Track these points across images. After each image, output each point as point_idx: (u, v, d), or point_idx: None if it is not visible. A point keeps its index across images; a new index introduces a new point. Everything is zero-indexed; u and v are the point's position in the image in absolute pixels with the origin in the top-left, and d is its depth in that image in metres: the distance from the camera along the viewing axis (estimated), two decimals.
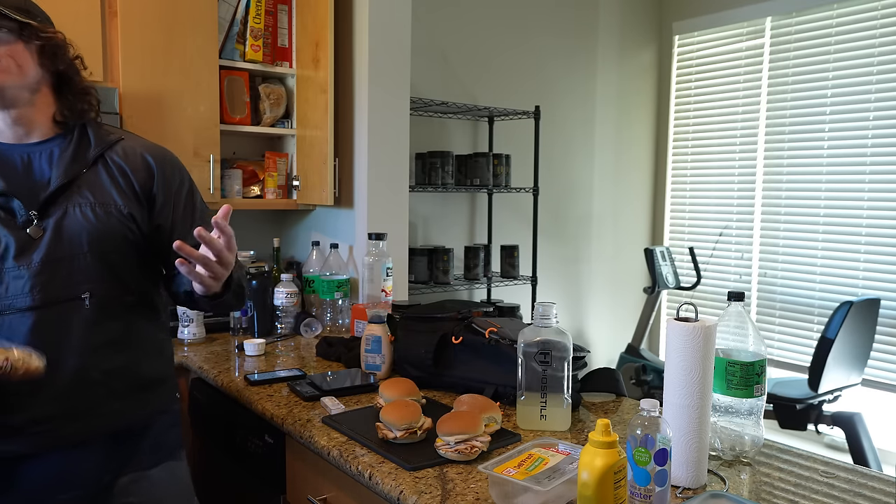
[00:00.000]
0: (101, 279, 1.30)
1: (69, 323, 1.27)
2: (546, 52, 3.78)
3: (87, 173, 1.33)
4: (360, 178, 2.46)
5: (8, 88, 1.26)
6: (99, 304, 1.29)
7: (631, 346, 3.90)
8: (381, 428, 1.36)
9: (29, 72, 1.28)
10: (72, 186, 1.30)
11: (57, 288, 1.26)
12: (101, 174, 1.34)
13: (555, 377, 1.42)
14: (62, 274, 1.26)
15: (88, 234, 1.29)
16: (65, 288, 1.26)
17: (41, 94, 1.32)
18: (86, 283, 1.28)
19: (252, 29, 2.48)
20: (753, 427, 1.28)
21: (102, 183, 1.33)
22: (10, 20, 1.25)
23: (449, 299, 2.23)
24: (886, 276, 3.43)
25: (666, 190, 4.41)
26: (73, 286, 1.27)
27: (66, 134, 1.35)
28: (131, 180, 1.36)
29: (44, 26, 1.31)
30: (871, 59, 3.46)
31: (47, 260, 1.25)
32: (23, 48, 1.27)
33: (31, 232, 1.25)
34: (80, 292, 1.28)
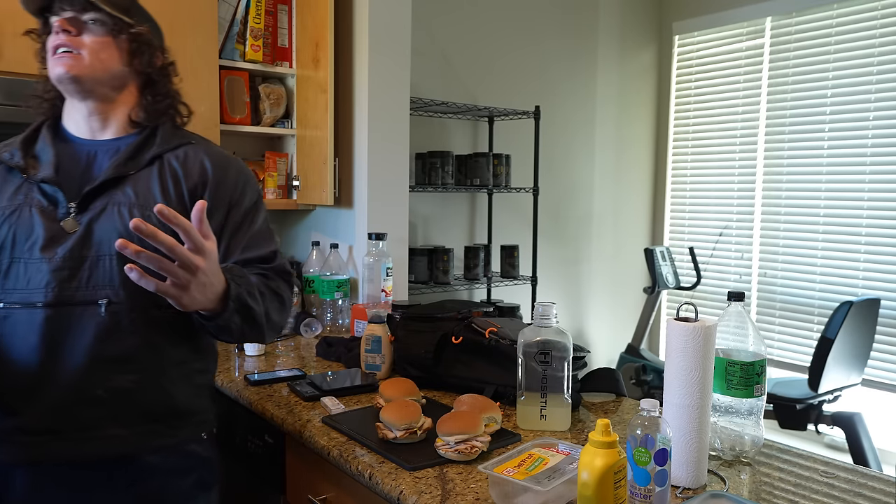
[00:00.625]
0: (123, 286, 1.18)
1: (80, 329, 1.16)
2: (546, 52, 3.78)
3: (138, 173, 1.25)
4: (360, 178, 2.46)
5: (86, 80, 1.22)
6: (116, 313, 1.17)
7: (631, 346, 3.90)
8: (381, 428, 1.36)
9: (111, 67, 1.25)
10: (119, 185, 1.23)
11: (74, 288, 1.16)
12: (153, 176, 1.25)
13: (555, 377, 1.42)
14: (83, 274, 1.17)
15: (121, 235, 1.16)
16: (82, 289, 1.17)
17: (124, 93, 1.29)
18: (106, 287, 1.17)
19: (252, 29, 2.48)
20: (753, 427, 1.28)
21: (150, 185, 1.24)
22: (103, 13, 1.23)
23: (449, 299, 2.23)
24: (886, 276, 3.43)
25: (666, 190, 4.41)
26: (92, 289, 1.17)
27: (138, 134, 1.30)
28: (181, 185, 1.26)
29: (138, 25, 1.28)
30: (871, 59, 3.46)
31: (70, 256, 1.17)
32: (111, 43, 1.24)
33: (65, 225, 1.19)
34: (97, 297, 1.17)
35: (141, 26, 1.29)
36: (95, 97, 1.25)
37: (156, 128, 1.31)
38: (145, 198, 1.22)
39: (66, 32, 1.21)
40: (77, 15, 1.23)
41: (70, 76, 1.21)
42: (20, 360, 1.15)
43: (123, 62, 1.27)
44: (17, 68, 1.93)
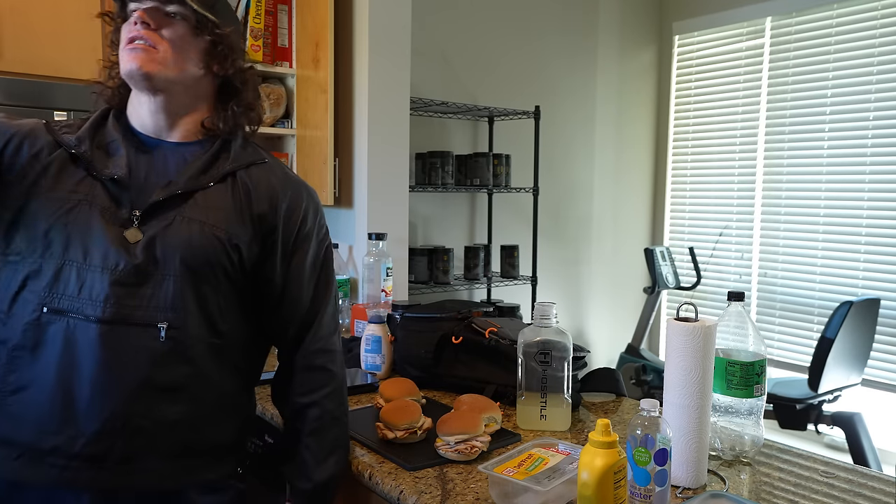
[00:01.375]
0: (185, 310, 1.10)
1: (134, 352, 1.06)
2: (546, 52, 3.78)
3: (210, 189, 1.15)
4: (360, 178, 2.46)
5: (158, 79, 1.12)
6: (175, 339, 1.09)
7: (631, 346, 3.90)
8: (381, 428, 1.36)
9: (189, 68, 1.15)
10: (189, 198, 1.13)
11: (134, 306, 1.07)
12: (225, 193, 1.16)
13: (555, 377, 1.42)
14: (146, 292, 1.07)
15: (184, 254, 1.10)
16: (142, 309, 1.07)
17: (198, 95, 1.19)
18: (168, 310, 1.08)
19: (252, 29, 2.48)
20: (753, 427, 1.28)
21: (221, 203, 1.15)
22: (187, 7, 1.13)
23: (449, 299, 2.23)
24: (886, 276, 3.43)
25: (666, 190, 4.41)
26: (153, 311, 1.08)
27: (208, 142, 1.19)
28: (252, 206, 1.17)
29: (224, 26, 1.18)
30: (871, 59, 3.46)
31: (134, 271, 1.07)
32: (190, 40, 1.15)
33: (127, 234, 1.08)
34: (157, 320, 1.08)
35: (227, 27, 1.19)
36: (167, 94, 1.15)
37: (229, 140, 1.21)
38: (215, 216, 1.14)
39: (145, 25, 1.11)
40: (160, 6, 1.13)
41: (143, 73, 1.11)
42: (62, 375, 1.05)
43: (203, 64, 1.17)
44: (17, 68, 1.93)
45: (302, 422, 1.23)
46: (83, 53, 2.08)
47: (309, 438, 1.23)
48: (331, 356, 1.27)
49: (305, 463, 1.22)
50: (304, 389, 1.24)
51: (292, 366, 1.25)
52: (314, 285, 1.26)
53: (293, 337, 1.25)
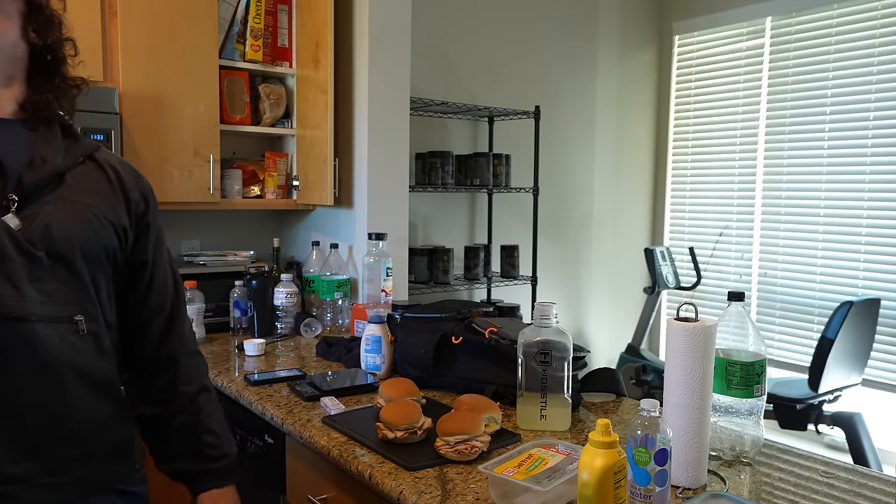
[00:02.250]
0: (90, 300, 1.02)
1: (59, 350, 0.97)
2: (546, 52, 3.78)
3: (78, 170, 1.05)
4: (360, 178, 2.46)
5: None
6: (92, 331, 1.01)
7: (631, 346, 3.90)
8: (381, 428, 1.36)
9: (8, 28, 1.01)
10: (62, 180, 1.02)
11: (47, 302, 0.96)
12: (98, 175, 1.07)
13: (555, 377, 1.42)
14: (52, 284, 0.97)
15: (82, 241, 1.00)
16: (57, 304, 0.97)
17: (14, 65, 1.03)
18: (80, 301, 1.00)
19: (252, 29, 2.48)
20: (753, 427, 1.28)
21: (98, 185, 1.06)
22: None
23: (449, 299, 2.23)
24: (886, 276, 3.43)
25: (666, 190, 4.41)
26: (66, 303, 0.98)
27: (34, 122, 1.04)
28: (125, 189, 1.10)
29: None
30: (871, 59, 3.46)
31: (35, 262, 0.95)
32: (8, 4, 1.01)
33: (8, 220, 0.94)
34: (72, 312, 0.98)
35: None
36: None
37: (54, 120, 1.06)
38: (99, 199, 1.05)
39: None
40: None
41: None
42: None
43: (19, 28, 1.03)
44: None
45: (196, 410, 1.19)
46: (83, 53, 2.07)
47: (209, 421, 1.20)
48: (195, 338, 1.25)
49: (213, 445, 1.20)
50: (192, 378, 1.20)
51: (172, 357, 1.18)
52: (171, 270, 1.20)
53: (164, 326, 1.18)
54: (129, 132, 2.19)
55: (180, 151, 2.31)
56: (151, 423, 1.19)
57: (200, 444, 1.19)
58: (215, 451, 1.20)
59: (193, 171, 2.34)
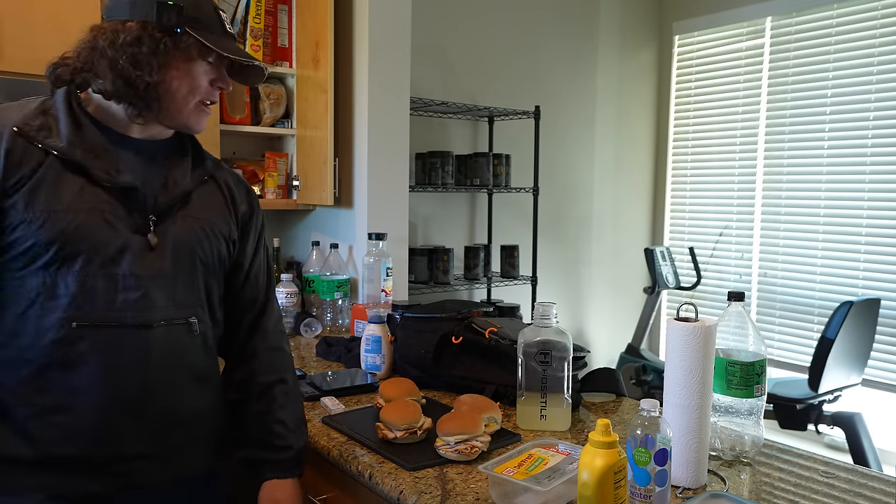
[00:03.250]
0: (203, 305, 1.20)
1: (175, 349, 1.14)
2: (546, 51, 3.78)
3: (202, 188, 1.23)
4: (360, 178, 2.46)
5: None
6: (203, 331, 1.19)
7: (631, 346, 3.90)
8: (381, 428, 1.36)
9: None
10: (189, 198, 1.19)
11: (170, 307, 1.13)
12: (215, 192, 1.25)
13: (555, 377, 1.42)
14: (175, 292, 1.14)
15: (201, 254, 1.18)
16: (177, 308, 1.14)
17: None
18: (195, 306, 1.17)
19: (252, 29, 2.48)
20: (753, 427, 1.28)
21: (214, 201, 1.24)
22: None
23: (449, 299, 2.23)
24: (886, 276, 3.43)
25: (666, 190, 4.41)
26: (184, 307, 1.16)
27: (175, 138, 1.23)
28: (235, 202, 1.28)
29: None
30: (871, 59, 3.46)
31: (165, 274, 1.13)
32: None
33: (150, 239, 1.12)
34: (188, 315, 1.16)
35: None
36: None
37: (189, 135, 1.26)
38: (216, 215, 1.23)
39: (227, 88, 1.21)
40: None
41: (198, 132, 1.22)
42: (106, 385, 1.07)
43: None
44: (17, 68, 1.93)
45: (269, 400, 1.30)
46: None
47: (281, 413, 1.30)
48: (286, 337, 1.39)
49: (281, 436, 1.29)
50: (270, 369, 1.32)
51: (254, 349, 1.31)
52: (266, 270, 1.36)
53: (252, 322, 1.32)
54: None
55: None
56: (230, 411, 1.31)
57: (268, 434, 1.28)
58: (281, 442, 1.28)
59: None
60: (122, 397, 1.08)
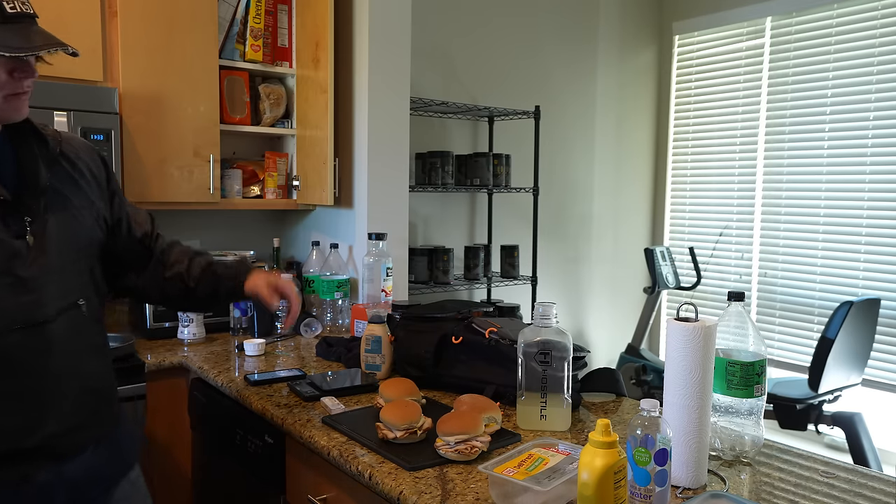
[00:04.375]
0: (88, 285, 1.25)
1: (73, 333, 1.19)
2: (546, 51, 3.78)
3: (56, 169, 1.21)
4: (360, 178, 2.46)
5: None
6: (91, 308, 1.24)
7: (631, 346, 3.90)
8: (381, 428, 1.36)
9: None
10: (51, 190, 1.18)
11: (62, 298, 1.17)
12: (70, 172, 1.24)
13: (555, 377, 1.42)
14: (65, 282, 1.18)
15: (78, 242, 1.22)
16: (65, 297, 1.18)
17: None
18: (82, 288, 1.22)
19: (252, 29, 2.48)
20: (753, 427, 1.28)
21: (75, 183, 1.24)
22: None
23: (449, 299, 2.23)
24: (886, 276, 3.43)
25: (666, 190, 4.41)
26: (73, 293, 1.20)
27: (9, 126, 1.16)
28: (94, 175, 1.29)
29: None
30: (871, 59, 3.46)
31: (53, 269, 1.16)
32: None
33: (29, 240, 1.13)
34: (77, 299, 1.20)
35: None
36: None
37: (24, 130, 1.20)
38: (78, 197, 1.24)
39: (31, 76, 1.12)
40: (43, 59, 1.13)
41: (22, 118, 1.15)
42: (26, 379, 1.13)
43: None
44: None
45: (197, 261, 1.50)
46: (83, 53, 2.08)
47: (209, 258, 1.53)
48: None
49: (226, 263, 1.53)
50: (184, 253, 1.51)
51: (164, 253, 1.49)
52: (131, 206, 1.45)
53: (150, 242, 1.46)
54: (128, 132, 2.18)
55: (180, 151, 2.31)
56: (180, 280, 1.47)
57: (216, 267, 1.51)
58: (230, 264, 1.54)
59: (193, 171, 2.34)
60: (39, 389, 1.14)
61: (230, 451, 1.82)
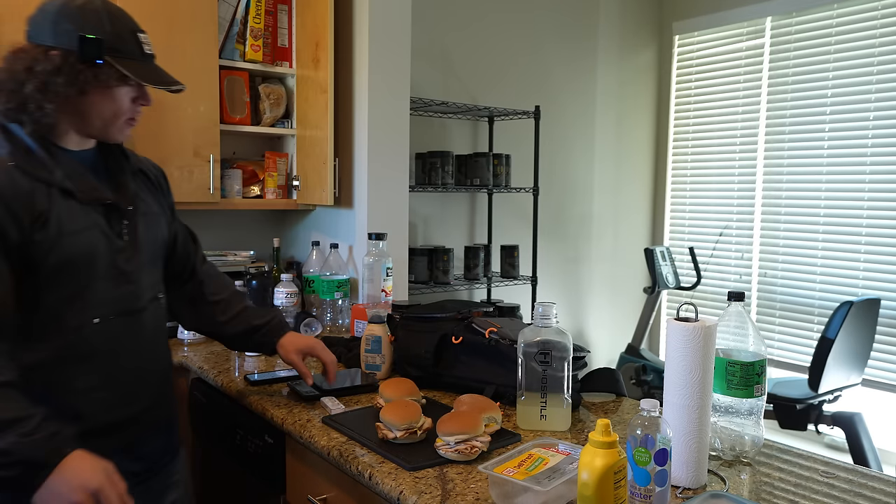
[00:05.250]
0: (161, 281, 1.46)
1: (157, 321, 1.40)
2: (546, 51, 3.78)
3: (136, 181, 1.41)
4: (360, 178, 2.46)
5: None
6: (164, 303, 1.45)
7: (631, 346, 3.90)
8: (381, 428, 1.36)
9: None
10: (138, 197, 1.39)
11: (148, 290, 1.37)
12: (146, 183, 1.44)
13: (555, 377, 1.42)
14: (151, 277, 1.38)
15: (158, 244, 1.42)
16: (151, 290, 1.38)
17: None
18: (160, 282, 1.44)
19: (252, 29, 2.48)
20: (753, 427, 1.28)
21: (151, 193, 1.44)
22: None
23: (449, 299, 2.23)
24: (886, 276, 3.43)
25: (666, 190, 4.41)
26: (154, 287, 1.40)
27: (98, 147, 1.36)
28: (161, 190, 1.50)
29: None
30: (871, 59, 3.46)
31: (144, 266, 1.35)
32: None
33: (126, 239, 1.32)
34: (157, 292, 1.41)
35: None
36: None
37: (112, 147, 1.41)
38: (154, 205, 1.43)
39: (147, 104, 1.34)
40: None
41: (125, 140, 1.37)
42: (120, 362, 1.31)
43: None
44: None
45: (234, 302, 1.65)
46: None
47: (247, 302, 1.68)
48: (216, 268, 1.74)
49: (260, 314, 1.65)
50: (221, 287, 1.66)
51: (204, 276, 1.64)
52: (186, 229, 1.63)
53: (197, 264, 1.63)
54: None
55: (180, 151, 2.31)
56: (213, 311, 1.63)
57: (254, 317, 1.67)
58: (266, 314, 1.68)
59: (193, 171, 2.34)
60: (134, 369, 1.33)
61: (230, 451, 1.82)
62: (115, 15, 1.26)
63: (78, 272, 1.23)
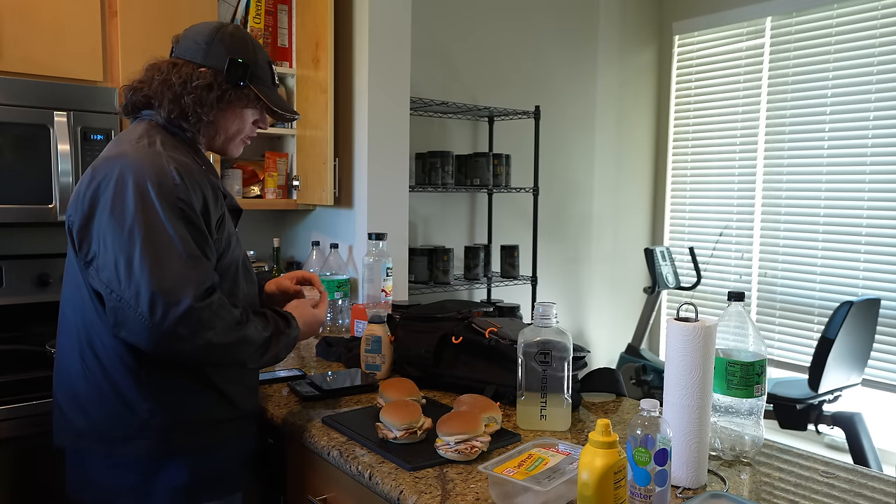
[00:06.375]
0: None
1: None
2: (546, 51, 3.78)
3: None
4: (360, 178, 2.46)
5: None
6: None
7: (631, 346, 3.90)
8: (381, 428, 1.36)
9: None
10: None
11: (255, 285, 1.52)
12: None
13: (555, 377, 1.42)
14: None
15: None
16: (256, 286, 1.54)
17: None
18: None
19: (252, 29, 2.48)
20: (753, 427, 1.28)
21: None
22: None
23: (449, 299, 2.23)
24: (886, 276, 3.43)
25: (666, 190, 4.41)
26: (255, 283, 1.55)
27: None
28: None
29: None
30: (871, 59, 3.46)
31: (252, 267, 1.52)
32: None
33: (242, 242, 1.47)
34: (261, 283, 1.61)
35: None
36: None
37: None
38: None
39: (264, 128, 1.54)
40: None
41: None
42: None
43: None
44: (17, 68, 1.93)
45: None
46: (83, 53, 2.08)
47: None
48: None
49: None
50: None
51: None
52: None
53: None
54: None
55: None
56: None
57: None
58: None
59: None
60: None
61: None
62: (256, 45, 1.44)
63: (235, 273, 1.39)
